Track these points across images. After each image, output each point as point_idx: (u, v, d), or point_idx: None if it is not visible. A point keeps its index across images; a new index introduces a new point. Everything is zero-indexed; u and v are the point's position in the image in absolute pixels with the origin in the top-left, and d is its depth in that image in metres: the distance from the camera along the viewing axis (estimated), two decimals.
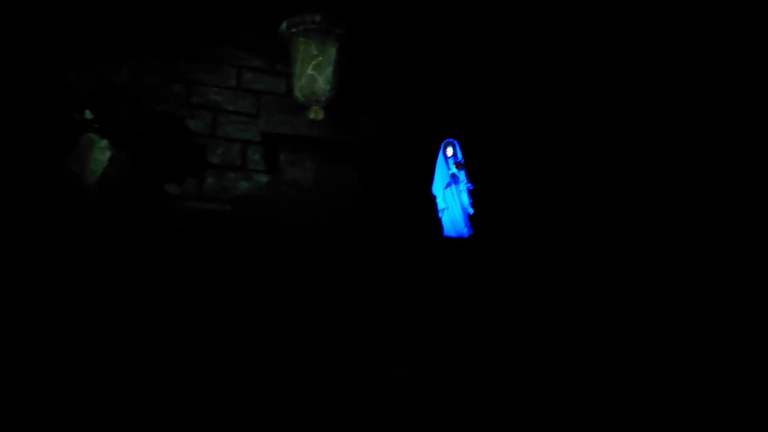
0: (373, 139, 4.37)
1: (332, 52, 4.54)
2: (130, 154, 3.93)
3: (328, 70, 4.51)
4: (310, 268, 3.95)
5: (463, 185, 4.67)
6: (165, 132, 4.40)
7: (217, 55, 4.85)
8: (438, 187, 4.70)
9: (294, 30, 4.50)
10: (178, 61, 4.63)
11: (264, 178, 4.53)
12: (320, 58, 4.51)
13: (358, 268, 4.00)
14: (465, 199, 4.65)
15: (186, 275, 3.78)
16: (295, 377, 3.13)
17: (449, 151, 4.69)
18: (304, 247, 4.04)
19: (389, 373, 3.18)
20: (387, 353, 3.43)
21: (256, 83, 4.94)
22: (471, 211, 4.64)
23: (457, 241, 4.40)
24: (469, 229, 4.55)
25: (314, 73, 4.49)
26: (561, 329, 3.65)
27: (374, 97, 4.70)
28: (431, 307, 4.00)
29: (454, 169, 4.63)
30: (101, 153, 3.71)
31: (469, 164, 4.68)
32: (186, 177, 4.46)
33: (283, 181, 4.28)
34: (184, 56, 4.67)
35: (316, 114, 4.43)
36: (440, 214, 4.71)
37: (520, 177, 4.56)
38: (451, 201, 4.64)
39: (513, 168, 4.66)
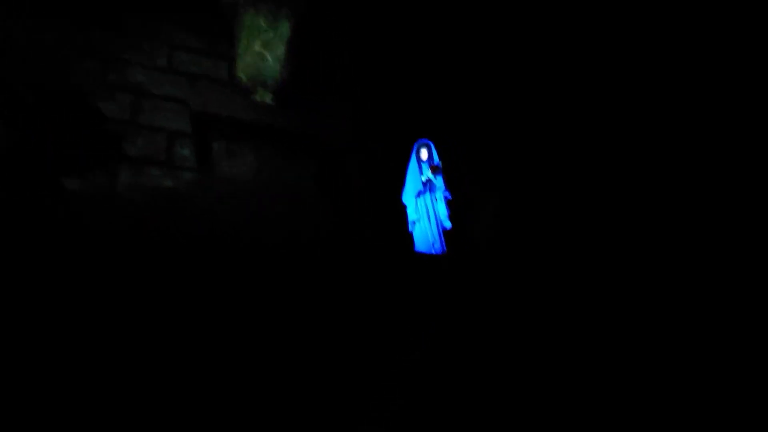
0: (334, 131, 3.62)
1: (286, 28, 3.82)
2: (13, 131, 3.05)
3: (280, 49, 3.78)
4: (243, 290, 3.13)
5: (440, 194, 3.94)
6: (68, 111, 3.54)
7: (145, 28, 4.07)
8: (409, 196, 3.96)
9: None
10: (92, 28, 3.82)
11: (194, 175, 3.69)
12: (270, 33, 3.78)
13: (306, 288, 3.20)
14: (442, 210, 3.93)
15: (79, 295, 2.89)
16: None
17: (424, 154, 3.98)
18: (238, 262, 3.22)
19: None
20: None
21: (192, 65, 4.16)
22: (448, 225, 3.91)
23: (431, 259, 3.66)
24: (442, 246, 3.81)
25: (262, 50, 3.75)
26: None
27: (338, 86, 3.97)
28: (390, 343, 3.28)
29: (429, 174, 3.91)
30: None
31: (447, 171, 3.97)
32: (93, 170, 3.60)
33: (217, 177, 3.47)
34: (102, 24, 3.86)
35: (262, 97, 3.67)
36: (411, 228, 3.96)
37: (510, 185, 3.89)
38: (425, 212, 3.90)
39: (501, 175, 3.98)
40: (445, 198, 3.95)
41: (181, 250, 3.18)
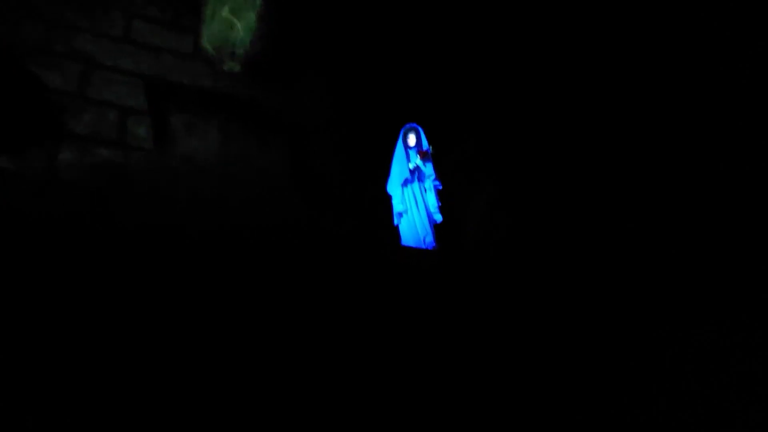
0: (311, 108, 3.22)
1: None
2: None
3: (251, 17, 3.38)
4: (202, 284, 2.70)
5: (430, 182, 3.54)
6: (3, 79, 3.09)
7: None
8: (395, 185, 3.55)
9: None
10: None
11: (149, 153, 3.24)
12: None
13: (275, 284, 2.78)
14: (432, 200, 3.53)
15: (10, 286, 2.45)
16: None
17: (411, 140, 3.59)
18: (197, 253, 2.80)
19: None
20: None
21: (152, 37, 3.71)
22: (439, 217, 3.51)
23: (420, 254, 3.25)
24: (433, 241, 3.40)
25: (231, 17, 3.35)
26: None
27: (317, 60, 3.56)
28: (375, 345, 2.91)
29: (417, 161, 3.52)
30: None
31: (437, 158, 3.58)
32: (31, 147, 3.13)
33: (175, 155, 3.04)
34: None
35: (230, 69, 3.26)
36: (397, 220, 3.55)
37: (505, 173, 3.50)
38: (413, 203, 3.50)
39: (495, 163, 3.60)
40: (435, 188, 3.55)
41: (130, 239, 2.73)
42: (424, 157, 3.50)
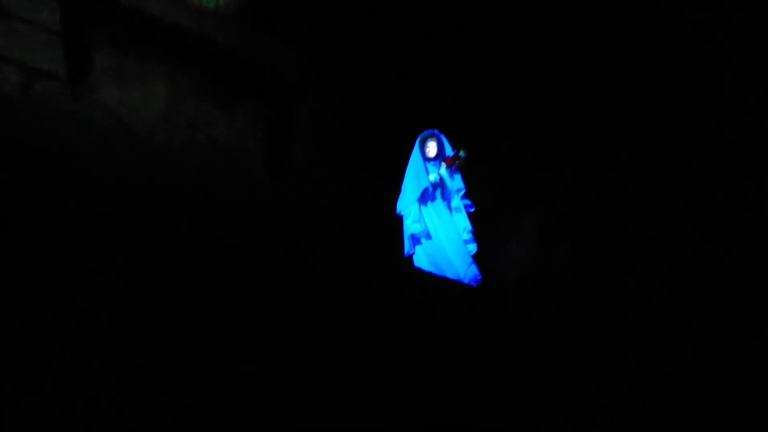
0: (308, 80, 2.37)
1: None
2: None
3: None
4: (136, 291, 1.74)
5: (458, 199, 2.65)
6: None
7: None
8: (408, 201, 2.65)
9: None
10: None
11: (60, 113, 2.27)
12: None
13: (235, 300, 1.80)
14: (462, 223, 2.63)
15: None
16: None
17: (431, 149, 2.75)
18: (127, 253, 1.87)
19: None
20: None
21: None
22: (473, 247, 2.60)
23: (451, 286, 2.29)
24: (474, 274, 2.48)
25: None
26: None
27: (316, 27, 2.76)
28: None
29: (442, 172, 2.64)
30: None
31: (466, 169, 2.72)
32: None
33: (98, 110, 2.08)
34: None
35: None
36: (410, 247, 2.63)
37: (556, 191, 2.67)
38: (438, 225, 2.60)
39: (542, 177, 2.78)
40: (466, 207, 2.65)
41: (26, 234, 1.75)
42: (452, 164, 2.63)
